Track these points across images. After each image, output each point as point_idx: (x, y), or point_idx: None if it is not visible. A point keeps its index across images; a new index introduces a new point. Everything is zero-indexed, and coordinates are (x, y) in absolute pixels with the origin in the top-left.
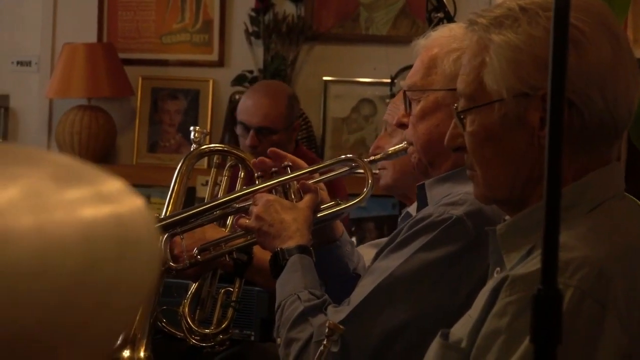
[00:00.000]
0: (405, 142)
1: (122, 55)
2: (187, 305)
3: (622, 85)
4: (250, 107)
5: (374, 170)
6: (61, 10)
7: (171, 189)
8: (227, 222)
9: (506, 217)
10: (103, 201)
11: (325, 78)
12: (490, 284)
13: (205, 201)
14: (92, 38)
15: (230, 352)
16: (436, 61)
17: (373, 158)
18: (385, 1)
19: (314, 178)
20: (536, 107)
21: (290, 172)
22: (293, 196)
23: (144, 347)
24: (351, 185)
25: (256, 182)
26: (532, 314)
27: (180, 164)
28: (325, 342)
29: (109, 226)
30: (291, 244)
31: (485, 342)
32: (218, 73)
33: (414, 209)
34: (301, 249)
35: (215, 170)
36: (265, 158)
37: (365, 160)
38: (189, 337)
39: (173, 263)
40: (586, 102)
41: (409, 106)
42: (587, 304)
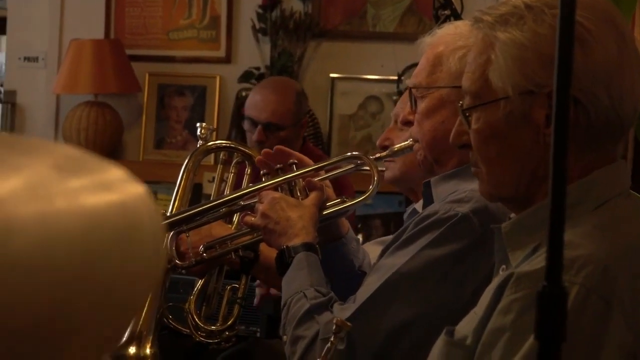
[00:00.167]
0: (411, 139)
1: (129, 52)
2: (193, 302)
3: (627, 83)
4: (258, 103)
5: (379, 168)
6: (68, 7)
7: (177, 185)
8: (234, 219)
9: (511, 215)
10: (105, 189)
11: (332, 75)
12: (496, 281)
13: (212, 198)
14: (99, 34)
15: (237, 349)
16: (441, 59)
17: (379, 155)
18: None
19: (319, 175)
20: (542, 105)
21: (295, 169)
22: (299, 194)
23: (150, 344)
24: (357, 182)
25: (262, 179)
26: (536, 311)
27: (186, 161)
28: (332, 339)
29: (112, 214)
30: (297, 241)
31: (490, 339)
32: (225, 69)
33: (420, 205)
34: (307, 246)
35: (222, 166)
36: (269, 150)
37: (370, 158)
38: (194, 333)
39: (179, 261)
40: (592, 100)
41: (414, 103)
42: (593, 302)
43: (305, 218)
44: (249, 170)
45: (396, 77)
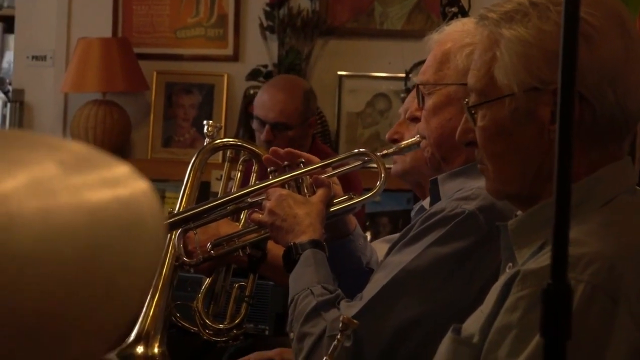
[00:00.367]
0: (418, 135)
1: (136, 50)
2: (201, 300)
3: (633, 80)
4: (266, 102)
5: (386, 165)
6: (76, 5)
7: (185, 183)
8: (241, 216)
9: (518, 213)
10: (109, 185)
11: (340, 72)
12: (502, 279)
13: (219, 196)
14: (107, 33)
15: (245, 346)
16: (449, 56)
17: (386, 152)
18: None
19: (326, 172)
20: (547, 102)
21: (302, 166)
22: (306, 191)
23: (158, 343)
24: (365, 179)
25: (269, 177)
26: (542, 308)
27: (193, 158)
28: (339, 336)
29: (115, 209)
30: (304, 238)
31: (496, 337)
32: (232, 67)
33: (427, 203)
34: (314, 243)
35: (229, 164)
36: (277, 148)
37: (378, 154)
38: (202, 331)
39: (187, 258)
40: (597, 97)
41: (422, 100)
42: (599, 299)
43: (313, 215)
44: (256, 168)
45: (404, 75)
